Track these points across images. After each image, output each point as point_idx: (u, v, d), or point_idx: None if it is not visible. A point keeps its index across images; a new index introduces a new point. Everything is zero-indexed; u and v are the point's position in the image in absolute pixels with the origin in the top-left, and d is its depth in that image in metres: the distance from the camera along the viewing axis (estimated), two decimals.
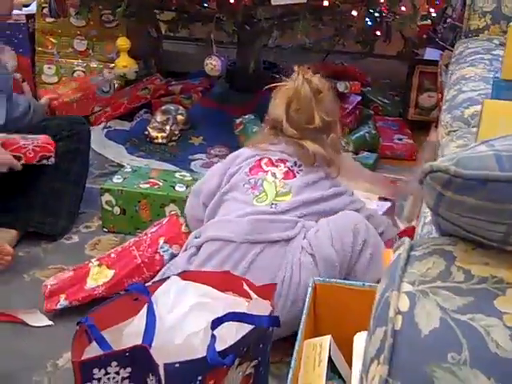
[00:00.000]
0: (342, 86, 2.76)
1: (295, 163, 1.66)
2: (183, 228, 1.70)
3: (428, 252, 0.74)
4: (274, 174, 1.64)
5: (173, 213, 1.81)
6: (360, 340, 1.23)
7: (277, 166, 1.66)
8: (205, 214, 1.64)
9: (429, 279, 0.70)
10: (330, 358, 1.21)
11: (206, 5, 2.50)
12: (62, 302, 1.61)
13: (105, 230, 2.04)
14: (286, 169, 1.66)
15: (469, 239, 0.73)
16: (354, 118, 2.79)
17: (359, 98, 2.86)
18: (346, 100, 2.82)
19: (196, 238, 1.58)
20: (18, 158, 1.88)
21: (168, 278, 1.23)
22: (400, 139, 2.71)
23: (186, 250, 1.59)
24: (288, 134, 1.67)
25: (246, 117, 2.64)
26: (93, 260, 1.63)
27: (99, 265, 1.62)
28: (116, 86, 2.84)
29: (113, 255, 1.65)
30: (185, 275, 1.23)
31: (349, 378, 1.24)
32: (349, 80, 2.82)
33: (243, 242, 1.49)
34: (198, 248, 1.55)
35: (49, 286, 1.62)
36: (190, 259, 1.53)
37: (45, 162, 1.93)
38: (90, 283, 1.59)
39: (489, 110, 0.97)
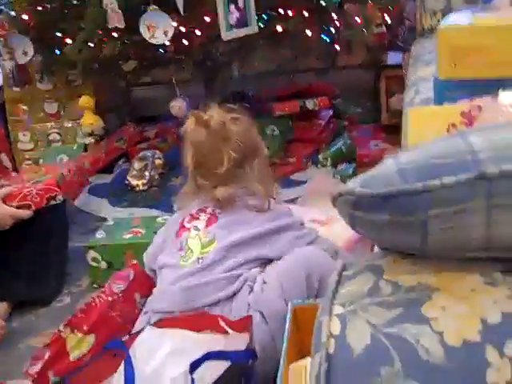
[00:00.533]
0: (310, 104, 2.78)
1: (214, 207, 1.55)
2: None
3: (359, 270, 0.75)
4: (195, 227, 1.52)
5: (134, 262, 1.77)
6: None
7: (198, 218, 1.54)
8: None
9: (358, 297, 0.71)
10: None
11: (162, 50, 2.54)
12: (53, 378, 1.60)
13: (95, 286, 2.06)
14: (208, 216, 1.53)
15: (395, 251, 0.75)
16: (328, 133, 2.82)
17: (331, 112, 2.88)
18: (318, 116, 2.85)
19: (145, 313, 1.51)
20: (28, 207, 1.92)
21: (143, 329, 1.25)
22: (376, 145, 2.73)
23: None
24: (199, 185, 1.57)
25: None
26: (61, 328, 1.62)
27: (73, 332, 1.60)
28: (92, 142, 2.87)
29: (80, 315, 1.65)
30: (159, 323, 1.25)
31: None
32: (317, 96, 2.85)
33: (182, 311, 1.37)
34: None
35: (34, 374, 1.60)
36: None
37: (53, 202, 1.97)
38: (74, 354, 1.56)
39: (415, 117, 0.98)
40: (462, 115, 0.93)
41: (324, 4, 2.51)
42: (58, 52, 2.52)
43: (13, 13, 2.58)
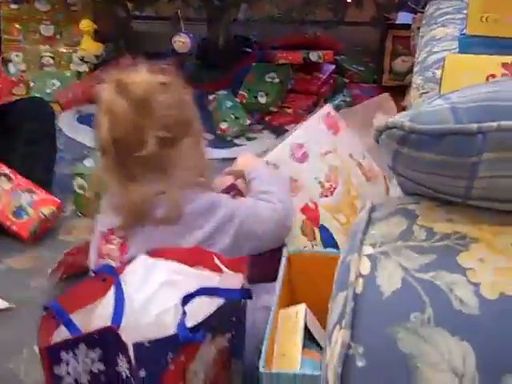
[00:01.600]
0: (314, 56, 2.71)
1: (123, 225, 1.29)
2: None
3: (390, 212, 0.71)
4: (110, 256, 1.29)
5: None
6: None
7: (111, 242, 1.30)
8: None
9: (390, 240, 0.67)
10: (306, 327, 1.19)
11: None
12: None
13: (78, 215, 2.00)
14: (119, 241, 1.29)
15: (432, 196, 0.71)
16: (328, 88, 2.75)
17: (333, 67, 2.82)
18: (320, 69, 2.78)
19: None
20: None
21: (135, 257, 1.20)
22: None
23: None
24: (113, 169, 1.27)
25: (220, 93, 2.61)
26: None
27: None
28: (86, 70, 2.79)
29: None
30: (153, 253, 1.20)
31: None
32: (321, 49, 2.78)
33: None
34: None
35: None
36: None
37: None
38: None
39: (451, 64, 0.93)
40: (504, 67, 0.88)
41: None
42: None
43: None
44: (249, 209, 1.34)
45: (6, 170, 1.89)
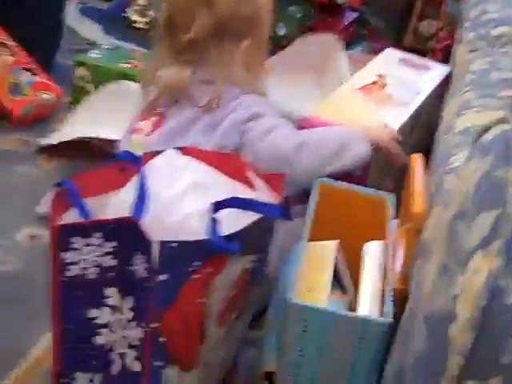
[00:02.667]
0: None
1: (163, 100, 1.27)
2: None
3: None
4: (140, 130, 1.27)
5: None
6: (372, 250, 1.10)
7: (146, 118, 1.29)
8: None
9: None
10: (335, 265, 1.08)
11: None
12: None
13: (73, 108, 1.84)
14: (155, 117, 1.28)
15: None
16: (347, 35, 2.62)
17: (356, 15, 2.68)
18: (343, 15, 2.65)
19: None
20: None
21: (163, 150, 1.06)
22: None
23: None
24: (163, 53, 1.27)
25: None
26: None
27: None
28: None
29: None
30: (185, 150, 1.06)
31: (350, 289, 1.12)
32: None
33: None
34: None
35: None
36: None
37: None
38: None
39: None
40: None
41: None
42: None
43: None
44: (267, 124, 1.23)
45: (11, 42, 1.70)
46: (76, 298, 0.92)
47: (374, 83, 1.59)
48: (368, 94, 1.54)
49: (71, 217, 0.94)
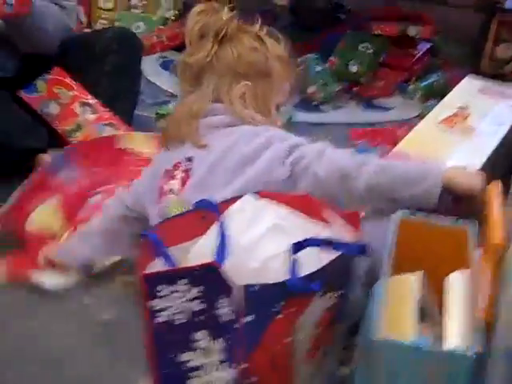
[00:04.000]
0: (412, 31, 2.58)
1: (186, 158, 1.28)
2: None
3: None
4: (171, 191, 1.26)
5: None
6: (456, 280, 1.09)
7: (173, 177, 1.28)
8: None
9: None
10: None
11: None
12: None
13: None
14: (182, 172, 1.27)
15: None
16: (422, 66, 2.62)
17: (429, 46, 2.68)
18: (415, 46, 2.65)
19: None
20: None
21: (241, 196, 1.09)
22: None
23: None
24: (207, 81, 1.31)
25: (309, 56, 2.48)
26: None
27: None
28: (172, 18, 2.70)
29: None
30: (262, 194, 1.09)
31: (438, 322, 1.11)
32: (419, 25, 2.64)
33: None
34: None
35: None
36: None
37: None
38: None
39: None
40: None
41: None
42: None
43: None
44: (315, 146, 1.24)
45: (92, 101, 1.80)
46: (168, 342, 0.96)
47: (455, 115, 1.58)
48: (451, 127, 1.53)
49: (157, 266, 0.99)
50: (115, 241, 1.35)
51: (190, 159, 1.27)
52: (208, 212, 1.07)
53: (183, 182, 1.25)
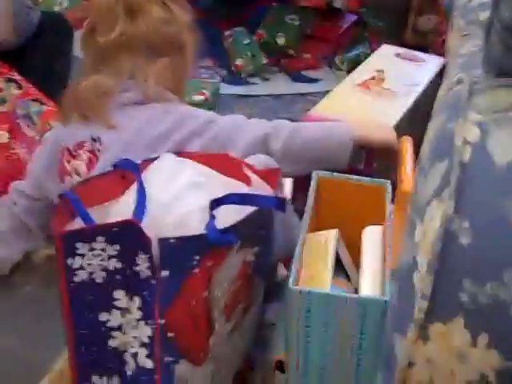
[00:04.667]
0: (338, 3, 2.61)
1: (93, 139, 1.22)
2: None
3: (495, 85, 0.62)
4: (76, 171, 1.22)
5: None
6: (370, 234, 1.13)
7: (76, 157, 1.23)
8: None
9: (500, 109, 0.58)
10: (335, 253, 1.10)
11: None
12: None
13: None
14: (87, 153, 1.23)
15: None
16: (348, 38, 2.66)
17: (355, 17, 2.71)
18: (342, 18, 2.69)
19: None
20: None
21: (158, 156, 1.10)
22: None
23: None
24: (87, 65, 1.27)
25: (237, 29, 2.50)
26: None
27: None
28: None
29: None
30: (181, 154, 1.10)
31: (354, 275, 1.14)
32: None
33: None
34: None
35: None
36: None
37: None
38: None
39: None
40: None
41: None
42: None
43: None
44: (229, 119, 1.27)
45: (17, 77, 1.76)
46: (86, 302, 0.96)
47: (372, 78, 1.62)
48: (367, 89, 1.57)
49: (76, 226, 0.99)
50: (29, 236, 1.31)
51: (96, 140, 1.22)
52: (128, 171, 1.07)
53: (90, 163, 1.21)
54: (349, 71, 2.45)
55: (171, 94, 1.28)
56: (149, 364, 0.96)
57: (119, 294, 0.96)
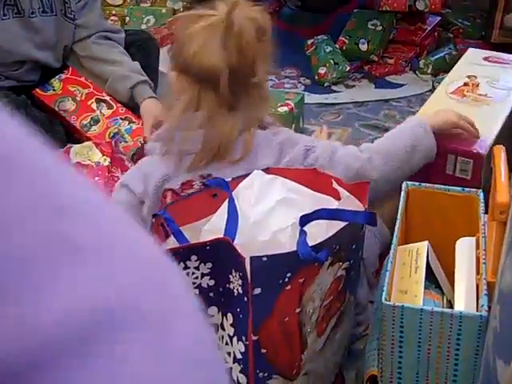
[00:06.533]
0: (421, 5, 2.56)
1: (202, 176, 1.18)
2: None
3: None
4: None
5: None
6: (464, 246, 1.11)
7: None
8: None
9: None
10: (427, 266, 1.09)
11: None
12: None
13: None
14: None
15: None
16: (432, 40, 2.61)
17: (438, 19, 2.67)
18: (425, 20, 2.64)
19: None
20: None
21: (250, 173, 1.12)
22: None
23: None
24: (221, 101, 1.15)
25: (319, 37, 2.50)
26: None
27: None
28: (182, 8, 2.72)
29: None
30: (269, 170, 1.12)
31: (447, 287, 1.13)
32: None
33: None
34: None
35: None
36: None
37: None
38: None
39: None
40: None
41: None
42: None
43: None
44: (326, 147, 1.25)
45: (107, 97, 1.84)
46: None
47: (466, 85, 1.59)
48: (462, 97, 1.54)
49: (170, 245, 1.01)
50: None
51: (206, 177, 1.18)
52: (219, 190, 1.09)
53: None
54: (434, 74, 2.44)
55: (269, 117, 1.28)
56: (243, 379, 0.98)
57: (212, 311, 0.98)
